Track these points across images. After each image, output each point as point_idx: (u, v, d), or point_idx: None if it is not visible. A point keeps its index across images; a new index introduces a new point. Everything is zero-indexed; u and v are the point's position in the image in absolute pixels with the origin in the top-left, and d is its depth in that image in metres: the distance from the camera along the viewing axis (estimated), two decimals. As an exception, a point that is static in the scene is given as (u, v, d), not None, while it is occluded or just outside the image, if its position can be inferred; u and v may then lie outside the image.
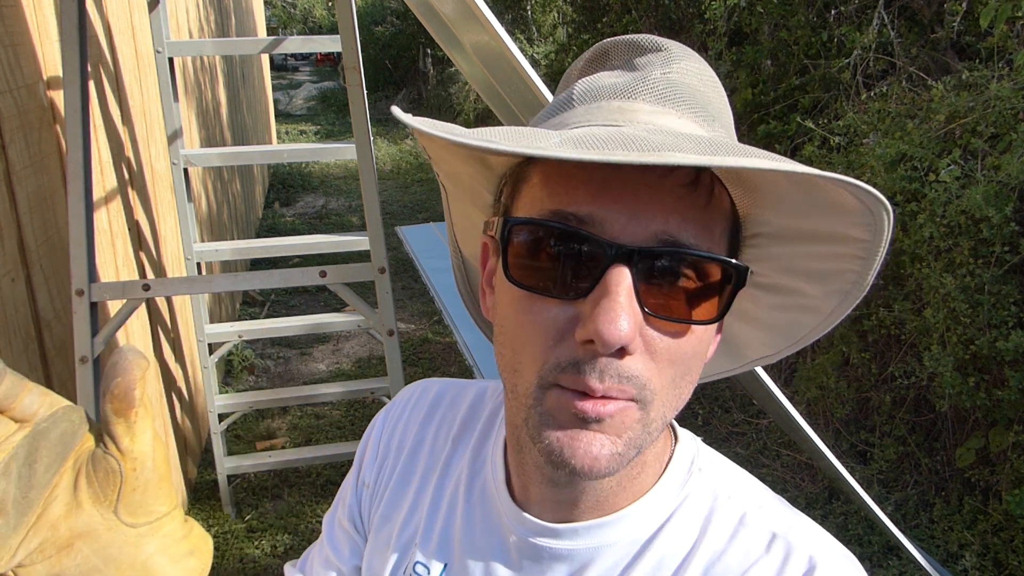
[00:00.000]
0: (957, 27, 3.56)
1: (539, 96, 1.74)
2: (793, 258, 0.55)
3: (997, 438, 2.65)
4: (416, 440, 0.72)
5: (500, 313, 0.54)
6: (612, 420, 0.49)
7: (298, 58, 20.90)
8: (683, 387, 0.52)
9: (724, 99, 0.57)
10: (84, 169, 1.78)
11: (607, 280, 0.47)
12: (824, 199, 0.48)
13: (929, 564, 2.55)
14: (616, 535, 0.58)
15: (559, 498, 0.58)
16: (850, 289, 0.54)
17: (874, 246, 0.50)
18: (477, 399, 0.73)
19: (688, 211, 0.49)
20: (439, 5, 1.80)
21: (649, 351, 0.49)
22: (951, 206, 2.64)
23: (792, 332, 0.61)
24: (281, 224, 6.90)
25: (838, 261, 0.53)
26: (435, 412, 0.73)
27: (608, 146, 0.43)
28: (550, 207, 0.50)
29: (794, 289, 0.57)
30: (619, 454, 0.49)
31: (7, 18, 1.64)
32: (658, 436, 0.53)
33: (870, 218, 0.47)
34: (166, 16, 2.49)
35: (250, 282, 2.05)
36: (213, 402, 2.87)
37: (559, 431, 0.49)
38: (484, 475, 0.66)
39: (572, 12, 8.48)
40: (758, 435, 3.49)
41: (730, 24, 4.73)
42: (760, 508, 0.59)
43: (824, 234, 0.51)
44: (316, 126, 12.15)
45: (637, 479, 0.59)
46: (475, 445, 0.69)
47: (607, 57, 0.57)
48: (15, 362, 1.56)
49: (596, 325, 0.46)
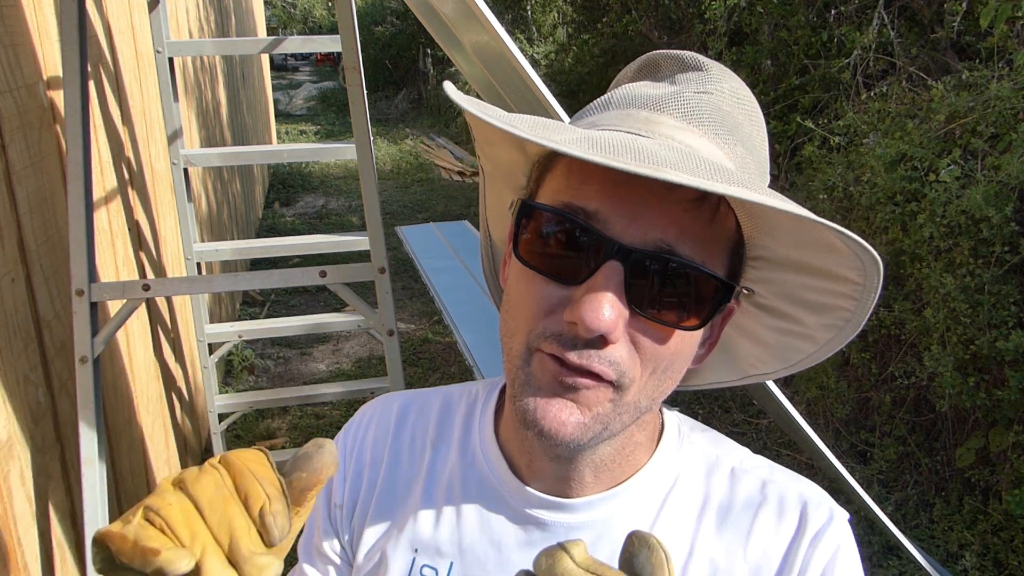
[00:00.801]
0: (957, 27, 3.56)
1: (539, 96, 1.74)
2: (791, 286, 0.58)
3: (997, 438, 2.65)
4: (392, 452, 0.72)
5: (508, 284, 0.59)
6: (586, 393, 0.53)
7: (298, 58, 20.90)
8: (664, 380, 0.56)
9: (757, 124, 0.59)
10: (84, 169, 1.77)
11: (600, 272, 0.51)
12: (816, 238, 0.51)
13: (929, 564, 2.55)
14: (626, 504, 0.63)
15: (560, 472, 0.62)
16: (844, 325, 0.57)
17: (866, 290, 0.52)
18: (446, 403, 0.74)
19: (690, 224, 0.52)
20: (439, 5, 1.80)
21: (633, 343, 0.53)
22: (951, 206, 2.64)
23: (787, 355, 0.64)
24: (281, 224, 6.90)
25: (832, 297, 0.55)
26: (404, 423, 0.73)
27: (619, 152, 0.46)
28: (564, 199, 0.54)
29: (791, 315, 0.60)
30: (585, 424, 0.53)
31: (7, 18, 1.64)
32: (635, 420, 0.57)
33: (859, 263, 0.50)
34: (166, 16, 2.49)
35: (250, 282, 2.05)
36: (213, 402, 2.87)
37: (537, 396, 0.54)
38: (477, 467, 0.68)
39: (572, 12, 8.49)
40: (758, 435, 3.49)
41: (730, 24, 4.72)
42: (744, 462, 0.66)
43: (818, 269, 0.54)
44: (316, 126, 12.15)
45: (632, 455, 0.63)
46: (460, 443, 0.70)
47: (657, 68, 0.61)
48: (15, 362, 1.56)
49: (581, 310, 0.50)
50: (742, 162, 0.56)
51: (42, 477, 1.67)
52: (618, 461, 0.62)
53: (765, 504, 0.62)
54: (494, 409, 0.71)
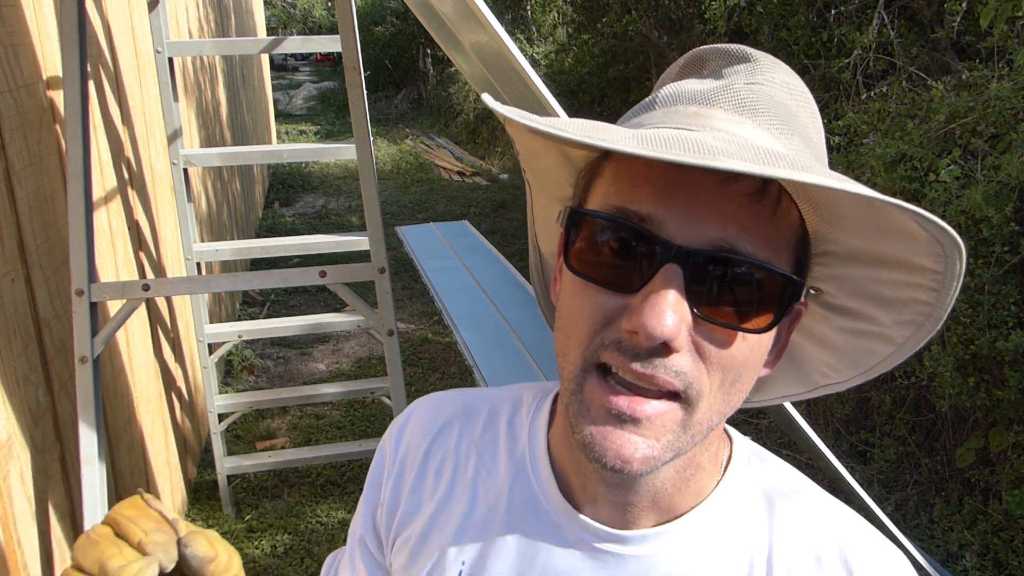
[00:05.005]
0: (957, 27, 3.56)
1: (539, 96, 1.74)
2: (862, 281, 0.54)
3: (997, 438, 2.65)
4: (441, 454, 0.69)
5: (561, 300, 0.55)
6: (651, 422, 0.49)
7: (298, 58, 20.89)
8: (732, 394, 0.52)
9: (811, 114, 0.56)
10: (84, 169, 1.77)
11: (659, 277, 0.47)
12: (889, 224, 0.47)
13: (929, 564, 2.55)
14: (682, 539, 0.58)
15: (615, 498, 0.58)
16: (923, 321, 0.53)
17: (947, 279, 0.48)
18: (494, 408, 0.71)
19: (749, 220, 0.48)
20: (439, 5, 1.80)
21: (698, 351, 0.49)
22: (951, 206, 2.64)
23: (862, 359, 0.59)
24: (281, 224, 6.90)
25: (908, 290, 0.51)
26: (452, 425, 0.71)
27: (668, 146, 0.43)
28: (615, 203, 0.51)
29: (864, 314, 0.56)
30: (653, 457, 0.49)
31: (7, 18, 1.64)
32: (702, 440, 0.53)
33: (939, 248, 0.46)
34: (166, 16, 2.49)
35: (250, 282, 2.05)
36: (213, 402, 2.87)
37: (592, 425, 0.50)
38: (526, 482, 0.64)
39: (572, 12, 8.49)
40: (758, 435, 3.49)
41: (730, 24, 4.73)
42: (822, 513, 0.60)
43: (892, 260, 0.50)
44: (316, 126, 12.15)
45: (692, 480, 0.58)
46: (507, 452, 0.67)
47: (702, 64, 0.58)
48: (15, 362, 1.56)
49: (642, 317, 0.46)
50: (800, 152, 0.53)
51: (42, 477, 1.67)
52: (679, 487, 0.58)
53: (829, 570, 0.57)
54: (547, 420, 0.66)
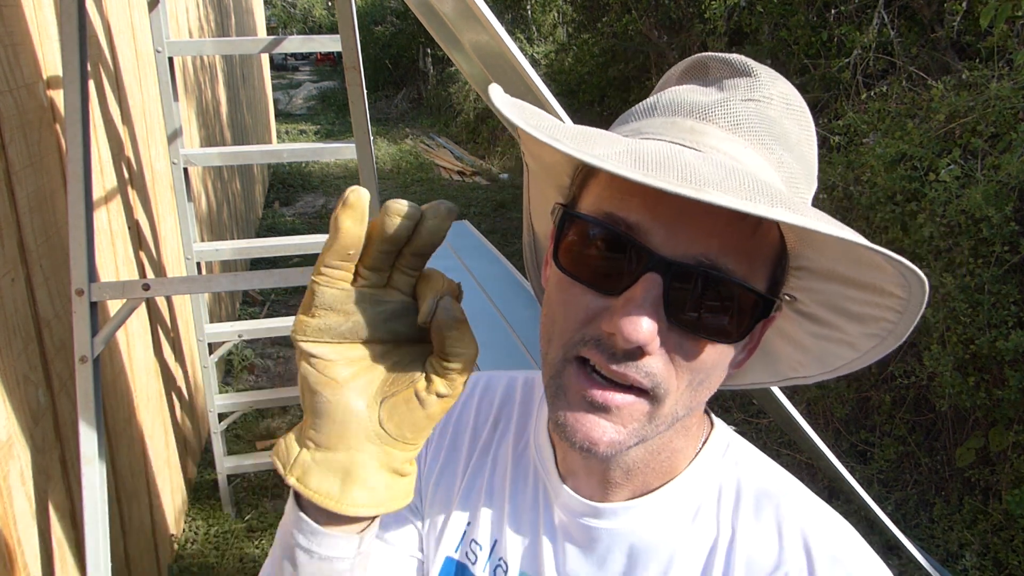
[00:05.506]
0: (957, 27, 3.56)
1: (539, 96, 1.74)
2: (833, 296, 0.57)
3: (997, 438, 2.65)
4: (458, 424, 0.77)
5: (548, 289, 0.59)
6: (620, 411, 0.54)
7: (298, 58, 20.89)
8: (700, 391, 0.57)
9: (806, 129, 0.59)
10: (84, 169, 1.77)
11: (640, 284, 0.51)
12: (861, 256, 0.50)
13: (929, 564, 2.55)
14: (650, 515, 0.63)
15: (591, 468, 0.64)
16: (886, 336, 0.56)
17: (911, 305, 0.52)
18: (509, 386, 0.78)
19: (731, 237, 0.52)
20: (439, 5, 1.80)
21: (670, 355, 0.53)
22: (951, 206, 2.64)
23: (828, 360, 0.63)
24: (281, 224, 6.90)
25: (876, 309, 0.55)
26: (472, 398, 0.78)
27: (662, 168, 0.46)
28: (606, 208, 0.54)
29: (833, 323, 0.60)
30: (619, 442, 0.54)
31: (7, 18, 1.64)
32: (668, 429, 0.57)
33: (903, 280, 0.50)
34: (166, 16, 2.49)
35: (250, 282, 2.05)
36: (213, 402, 2.87)
37: (567, 409, 0.55)
38: (528, 456, 0.72)
39: (572, 12, 8.49)
40: (758, 435, 3.49)
41: (730, 24, 4.73)
42: (787, 502, 0.63)
43: (862, 283, 0.54)
44: (316, 126, 12.15)
45: (668, 461, 0.64)
46: (516, 429, 0.74)
47: (705, 71, 0.60)
48: (15, 362, 1.57)
49: (620, 321, 0.50)
50: (789, 171, 0.56)
51: (42, 477, 1.67)
52: (651, 465, 0.63)
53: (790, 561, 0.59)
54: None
